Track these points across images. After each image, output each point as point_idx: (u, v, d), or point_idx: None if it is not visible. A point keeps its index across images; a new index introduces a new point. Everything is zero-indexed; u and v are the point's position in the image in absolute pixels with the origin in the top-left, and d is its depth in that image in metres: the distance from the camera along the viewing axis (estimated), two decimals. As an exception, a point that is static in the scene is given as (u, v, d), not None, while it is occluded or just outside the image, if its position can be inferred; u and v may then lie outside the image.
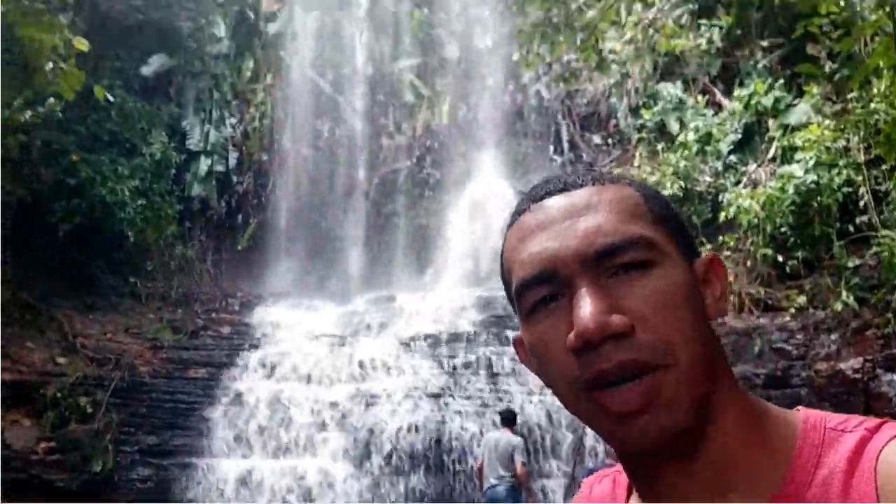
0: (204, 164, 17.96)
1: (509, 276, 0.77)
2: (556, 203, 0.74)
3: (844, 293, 11.16)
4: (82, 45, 9.45)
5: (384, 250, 18.64)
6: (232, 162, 18.69)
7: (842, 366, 10.49)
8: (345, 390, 12.86)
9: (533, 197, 0.78)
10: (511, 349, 8.66)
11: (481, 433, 11.73)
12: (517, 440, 8.14)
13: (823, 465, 0.68)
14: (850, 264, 11.39)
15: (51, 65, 9.63)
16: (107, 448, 11.49)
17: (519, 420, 9.70)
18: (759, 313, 12.35)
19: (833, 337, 11.13)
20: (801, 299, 11.94)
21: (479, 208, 17.69)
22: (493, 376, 12.95)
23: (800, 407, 0.78)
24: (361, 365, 13.42)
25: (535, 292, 0.72)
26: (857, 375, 10.09)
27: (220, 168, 18.27)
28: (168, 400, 12.65)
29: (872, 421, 0.71)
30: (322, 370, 13.38)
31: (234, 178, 18.81)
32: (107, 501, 11.08)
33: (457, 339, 13.92)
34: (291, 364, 13.58)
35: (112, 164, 14.77)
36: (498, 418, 9.78)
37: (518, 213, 0.79)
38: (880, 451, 0.66)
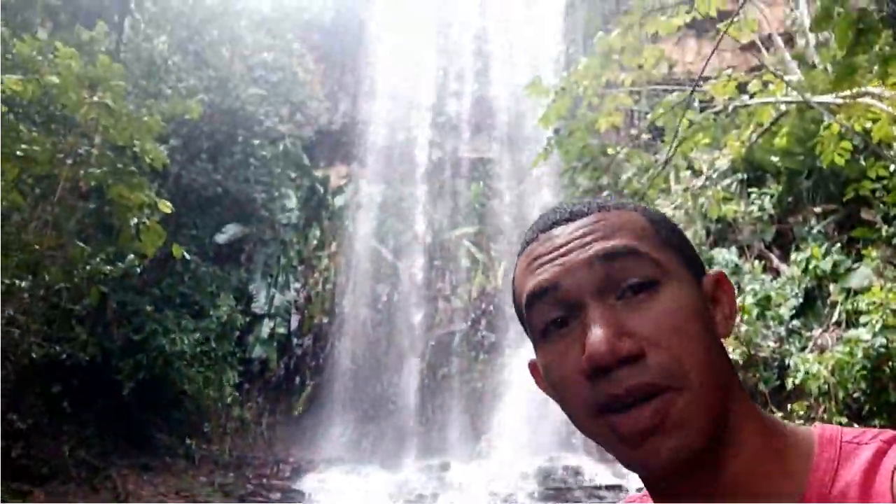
0: (266, 327, 18.47)
1: (520, 304, 0.77)
2: (562, 231, 0.76)
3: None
4: (166, 207, 10.11)
5: (438, 414, 18.32)
6: (293, 324, 19.19)
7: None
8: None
9: (541, 227, 0.79)
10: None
11: None
12: None
13: (840, 478, 0.68)
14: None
15: (135, 220, 10.19)
16: None
17: None
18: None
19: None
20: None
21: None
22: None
23: (817, 423, 0.78)
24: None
25: (546, 317, 0.73)
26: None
27: (281, 330, 18.74)
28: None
29: (888, 433, 0.70)
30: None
31: (295, 341, 19.19)
32: None
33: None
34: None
35: (177, 319, 15.31)
36: None
37: (527, 242, 0.80)
38: None
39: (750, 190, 16.15)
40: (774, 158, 15.78)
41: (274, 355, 18.38)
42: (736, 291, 0.77)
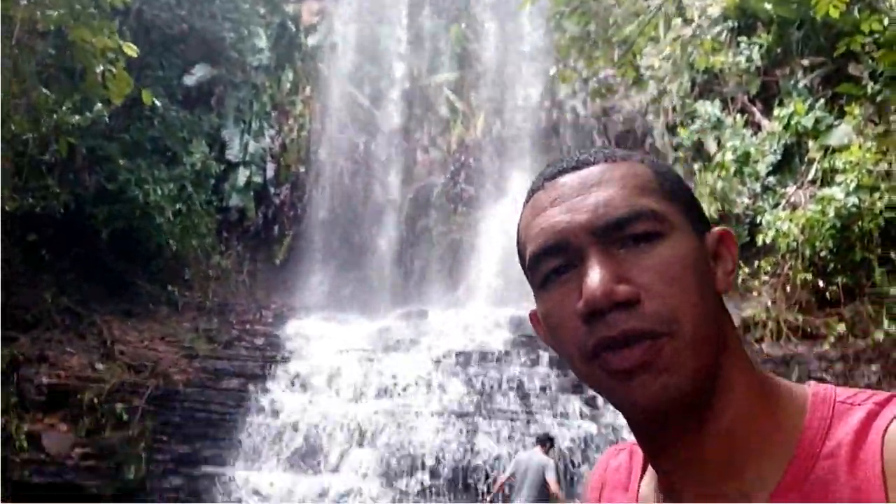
0: (242, 175, 18.25)
1: (524, 249, 0.79)
2: (568, 180, 0.77)
3: (886, 322, 10.88)
4: (132, 49, 9.59)
5: (416, 265, 18.72)
6: (269, 173, 18.96)
7: (882, 397, 10.19)
8: (374, 407, 12.90)
9: (547, 175, 0.80)
10: (542, 370, 8.67)
11: (510, 455, 11.68)
12: (548, 460, 8.05)
13: (832, 437, 0.69)
14: (892, 291, 11.10)
15: (100, 68, 9.74)
16: (140, 456, 11.68)
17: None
18: (797, 340, 12.10)
19: (874, 368, 10.84)
20: (841, 327, 11.65)
21: (513, 225, 17.64)
22: (523, 397, 12.87)
23: (811, 381, 0.79)
24: (391, 382, 13.46)
25: (548, 264, 0.75)
26: (899, 408, 9.79)
27: (257, 179, 18.54)
28: (201, 409, 12.82)
29: (882, 394, 0.71)
30: (352, 385, 13.45)
31: (272, 190, 19.06)
32: (139, 508, 11.25)
33: (487, 358, 13.88)
34: (322, 378, 13.69)
35: (150, 168, 15.05)
36: (527, 440, 9.63)
37: (533, 190, 0.81)
38: (888, 424, 0.67)
39: (739, 39, 15.64)
40: (767, 6, 15.18)
41: (251, 204, 18.31)
42: (736, 239, 0.82)
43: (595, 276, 0.70)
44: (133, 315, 14.75)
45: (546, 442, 8.28)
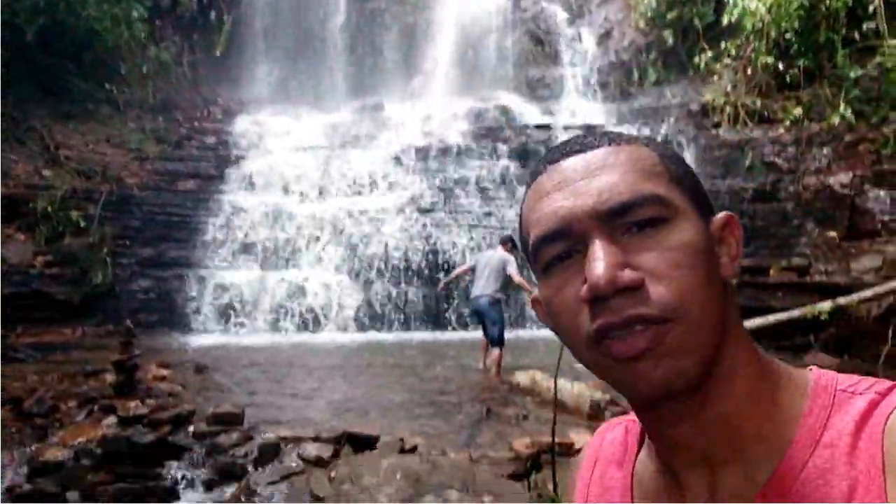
0: (170, -45, 16.50)
1: (526, 234, 0.78)
2: (572, 163, 0.75)
3: (842, 105, 10.97)
4: None
5: (369, 52, 17.77)
6: (200, -49, 17.16)
7: (831, 180, 10.57)
8: (336, 204, 12.92)
9: (550, 159, 0.78)
10: (502, 162, 8.65)
11: (471, 247, 12.04)
12: (510, 257, 8.29)
13: (832, 426, 0.69)
14: (852, 75, 11.08)
15: None
16: (104, 261, 11.69)
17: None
18: (753, 125, 12.21)
19: (825, 151, 11.10)
20: (798, 111, 11.75)
21: (470, 5, 16.63)
22: (483, 190, 12.98)
23: (812, 367, 0.78)
24: (352, 180, 13.37)
25: (551, 249, 0.74)
26: (846, 191, 10.21)
27: (187, -41, 16.81)
28: (160, 213, 12.69)
29: (884, 383, 0.71)
30: (313, 183, 13.34)
31: (204, -29, 17.36)
32: (110, 311, 11.48)
33: (447, 152, 13.75)
34: (281, 177, 13.51)
35: (69, -46, 13.50)
36: (486, 232, 9.77)
37: (535, 173, 0.79)
38: (889, 415, 0.67)
39: None
40: None
41: (183, -12, 16.76)
42: (742, 231, 0.76)
43: (599, 261, 0.69)
44: (73, 117, 13.98)
45: (508, 241, 8.46)
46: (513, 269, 8.17)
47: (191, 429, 5.68)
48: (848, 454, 0.67)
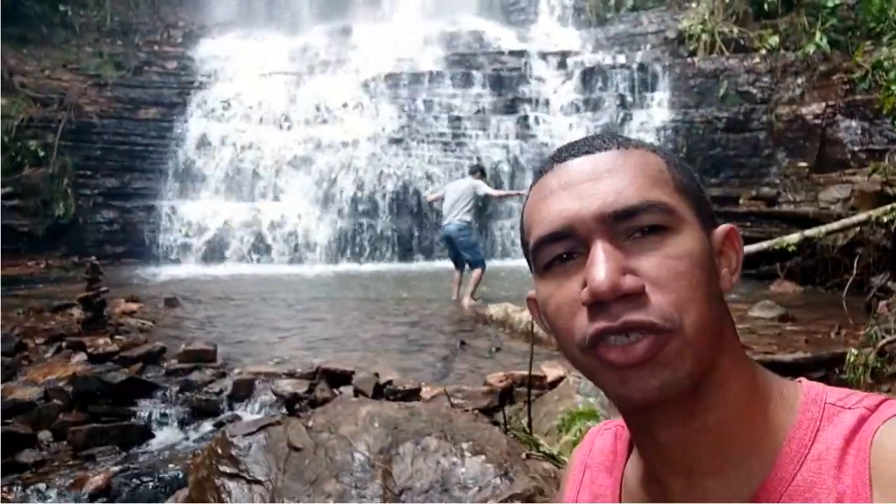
0: None
1: (528, 233, 0.77)
2: (579, 164, 0.75)
3: (818, 34, 10.86)
4: None
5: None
6: None
7: (803, 110, 10.57)
8: (304, 133, 12.62)
9: (557, 158, 0.78)
10: (474, 90, 8.48)
11: (442, 176, 11.91)
12: (480, 183, 8.24)
13: (821, 440, 0.69)
14: (830, 4, 10.94)
15: None
16: (66, 192, 11.40)
17: (485, 166, 9.77)
18: (729, 54, 12.07)
19: (799, 80, 11.05)
20: (774, 39, 11.62)
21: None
22: (455, 120, 12.74)
23: (801, 379, 0.78)
24: (321, 107, 13.02)
25: (552, 249, 0.73)
26: (817, 121, 10.22)
27: None
28: (122, 142, 12.31)
29: (874, 398, 0.71)
30: (279, 111, 12.98)
31: None
32: (75, 243, 11.25)
33: (418, 79, 13.41)
34: (246, 104, 13.11)
35: None
36: (459, 160, 9.61)
37: (541, 172, 0.79)
38: (876, 430, 0.67)
39: None
40: None
41: None
42: (742, 244, 0.77)
43: (601, 266, 0.68)
44: (27, 41, 13.34)
45: (478, 171, 8.40)
46: (487, 189, 8.18)
47: (163, 366, 5.64)
48: (836, 468, 0.67)
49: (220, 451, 2.50)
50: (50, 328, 6.74)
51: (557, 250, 0.73)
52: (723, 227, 0.77)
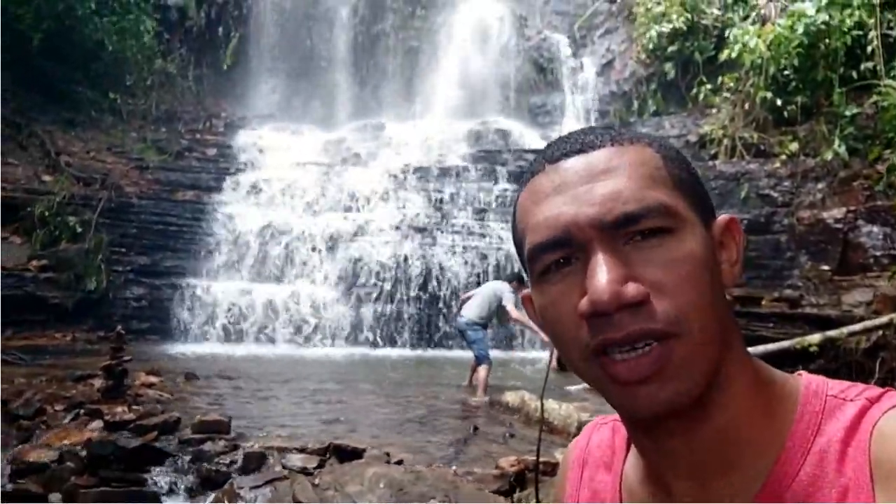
0: (180, -30, 16.74)
1: (522, 237, 0.74)
2: (573, 165, 0.71)
3: (837, 142, 11.09)
4: None
5: (373, 74, 17.95)
6: (210, -32, 17.42)
7: (825, 215, 10.66)
8: (333, 220, 12.96)
9: (549, 157, 0.73)
10: (500, 185, 8.72)
11: (468, 266, 12.07)
12: (507, 292, 8.14)
13: (823, 433, 0.69)
14: (848, 112, 11.22)
15: None
16: (99, 267, 11.70)
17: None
18: (749, 158, 12.33)
19: (820, 186, 11.21)
20: (794, 146, 11.87)
21: (474, 32, 16.86)
22: (480, 212, 13.05)
23: (801, 371, 0.77)
24: (350, 196, 13.42)
25: (549, 256, 0.70)
26: (839, 225, 10.29)
27: (197, -26, 17.05)
28: (157, 222, 12.72)
29: (875, 390, 0.70)
30: (310, 199, 13.39)
31: (213, -14, 17.61)
32: (102, 317, 11.45)
33: (446, 173, 13.83)
34: (280, 190, 13.56)
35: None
36: (483, 252, 9.61)
37: (533, 173, 0.75)
38: (877, 420, 0.66)
39: None
40: None
41: (192, 2, 16.99)
42: (744, 235, 0.74)
43: (602, 275, 0.65)
44: (76, 124, 14.07)
45: (514, 279, 8.33)
46: (510, 305, 8.02)
47: (177, 436, 5.66)
48: (838, 461, 0.66)
49: (227, 501, 2.53)
50: (70, 396, 6.81)
51: (555, 257, 0.70)
52: (723, 218, 0.74)
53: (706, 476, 0.71)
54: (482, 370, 7.93)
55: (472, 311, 8.12)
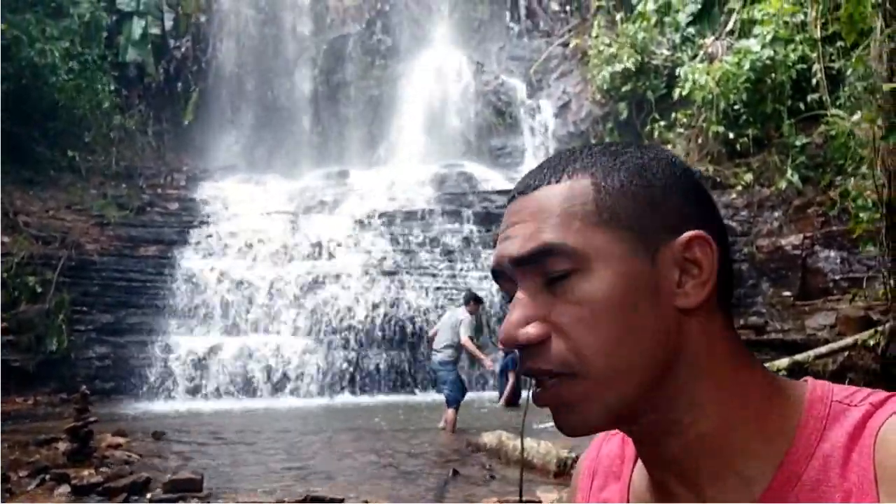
0: (137, 27, 16.79)
1: None
2: (512, 208, 0.75)
3: (790, 171, 11.46)
4: None
5: (335, 123, 18.09)
6: (168, 24, 17.51)
7: (783, 242, 10.94)
8: (300, 268, 12.88)
9: (514, 191, 0.77)
10: (466, 227, 8.83)
11: (436, 308, 12.06)
12: (465, 316, 8.31)
13: (827, 438, 0.68)
14: (798, 143, 11.62)
15: None
16: (60, 327, 11.43)
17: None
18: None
19: (776, 214, 11.52)
20: (748, 177, 12.23)
21: (434, 79, 17.16)
22: (448, 254, 13.10)
23: (807, 378, 0.76)
24: (316, 244, 13.39)
25: (502, 286, 0.76)
26: (797, 252, 10.56)
27: (155, 31, 17.11)
28: (119, 278, 12.50)
29: (879, 394, 0.70)
30: (276, 248, 13.32)
31: (171, 42, 17.69)
32: (65, 379, 11.14)
33: (412, 217, 13.91)
34: (244, 242, 13.47)
35: (38, 24, 13.68)
36: (453, 293, 9.75)
37: (509, 202, 0.79)
38: (881, 425, 0.65)
39: None
40: None
41: (150, 59, 17.00)
42: (713, 251, 0.70)
43: (510, 316, 0.70)
44: (34, 183, 13.87)
45: (470, 301, 8.49)
46: (463, 332, 8.18)
47: (148, 496, 5.49)
48: (842, 466, 0.66)
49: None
50: (35, 461, 6.58)
51: (505, 287, 0.75)
52: (684, 236, 0.70)
53: (704, 481, 0.72)
54: (450, 413, 8.00)
55: (440, 343, 8.20)
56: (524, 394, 10.47)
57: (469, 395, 8.99)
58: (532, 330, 0.69)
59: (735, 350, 0.74)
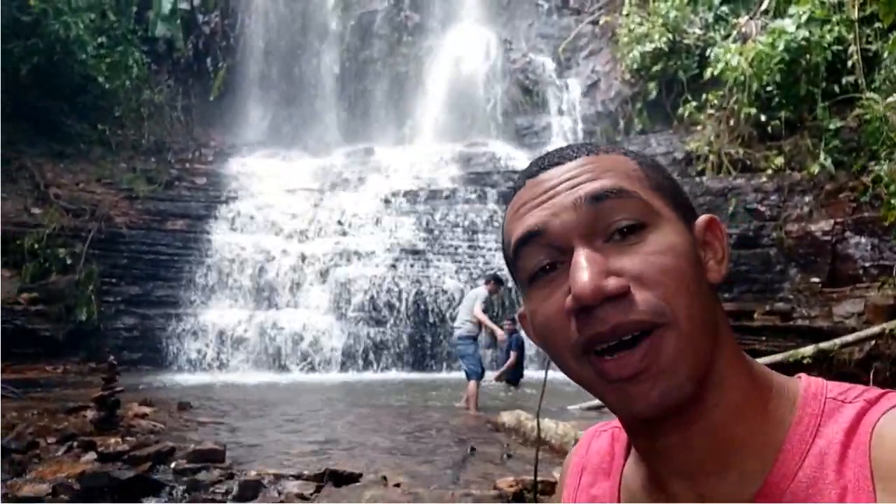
0: (167, 1, 16.87)
1: (509, 251, 0.75)
2: (548, 176, 0.73)
3: (822, 155, 11.22)
4: None
5: (361, 100, 18.07)
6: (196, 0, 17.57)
7: (812, 227, 10.75)
8: (325, 245, 12.96)
9: (528, 174, 0.76)
10: (490, 206, 8.80)
11: (460, 288, 12.09)
12: (482, 292, 8.34)
13: (822, 435, 0.68)
14: (832, 126, 11.36)
15: None
16: (90, 298, 11.64)
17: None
18: (736, 173, 12.44)
19: (807, 199, 11.31)
20: (779, 160, 12.00)
21: (461, 57, 17.03)
22: (471, 233, 13.09)
23: (801, 374, 0.76)
24: (341, 221, 13.44)
25: (533, 262, 0.71)
26: (827, 238, 10.38)
27: (184, 6, 17.20)
28: (148, 251, 12.69)
29: (873, 391, 0.70)
30: (301, 224, 13.40)
31: (200, 18, 17.75)
32: (93, 349, 11.37)
33: (436, 195, 13.89)
34: (270, 217, 13.57)
35: (67, -3, 13.82)
36: (474, 272, 9.80)
37: (515, 189, 0.77)
38: (876, 422, 0.66)
39: None
40: None
41: (179, 34, 17.10)
42: (727, 234, 0.74)
43: (583, 271, 0.66)
44: (65, 156, 14.08)
45: (491, 280, 8.49)
46: (477, 305, 8.24)
47: (171, 465, 5.60)
48: (838, 463, 0.66)
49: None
50: (63, 428, 6.73)
51: (540, 264, 0.71)
52: (703, 218, 0.75)
53: (703, 476, 0.71)
54: (471, 385, 7.99)
55: (459, 319, 8.28)
56: (526, 373, 10.52)
57: (487, 376, 9.03)
58: (615, 281, 0.66)
59: (735, 337, 0.75)
